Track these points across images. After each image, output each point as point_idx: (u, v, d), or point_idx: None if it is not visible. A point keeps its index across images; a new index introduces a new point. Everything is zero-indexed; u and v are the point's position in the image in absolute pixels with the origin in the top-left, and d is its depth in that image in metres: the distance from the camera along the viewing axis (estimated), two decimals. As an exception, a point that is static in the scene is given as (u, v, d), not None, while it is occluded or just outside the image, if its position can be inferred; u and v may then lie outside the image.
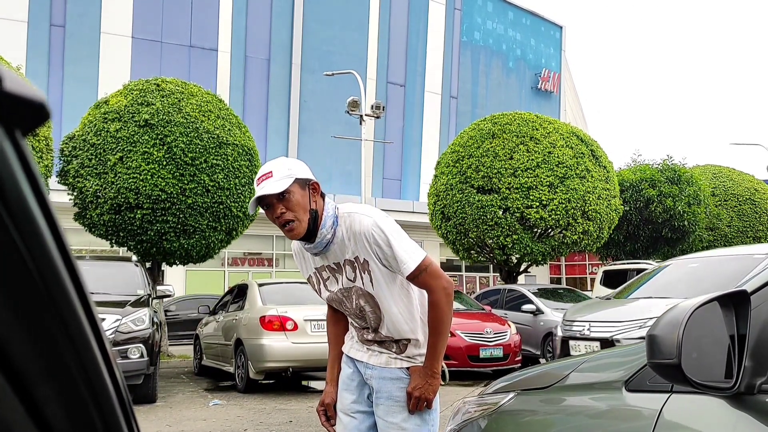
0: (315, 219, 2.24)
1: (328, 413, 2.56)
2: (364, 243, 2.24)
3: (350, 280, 2.32)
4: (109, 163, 11.39)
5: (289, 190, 2.18)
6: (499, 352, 10.36)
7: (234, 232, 12.54)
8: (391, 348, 2.41)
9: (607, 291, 14.39)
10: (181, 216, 11.51)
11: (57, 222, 0.37)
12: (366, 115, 19.19)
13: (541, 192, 14.08)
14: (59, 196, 13.03)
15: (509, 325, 10.86)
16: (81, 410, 0.43)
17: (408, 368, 2.39)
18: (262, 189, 2.18)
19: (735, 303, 1.45)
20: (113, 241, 12.01)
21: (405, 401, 2.36)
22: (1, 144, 0.33)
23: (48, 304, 0.37)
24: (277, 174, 2.20)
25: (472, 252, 15.41)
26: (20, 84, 0.35)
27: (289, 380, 9.89)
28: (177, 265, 12.89)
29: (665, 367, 1.39)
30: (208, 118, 11.88)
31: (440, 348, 2.33)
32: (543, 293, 12.84)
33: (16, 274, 0.35)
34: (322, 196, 2.31)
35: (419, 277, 2.25)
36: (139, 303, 8.14)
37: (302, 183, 2.23)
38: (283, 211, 2.18)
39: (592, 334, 7.79)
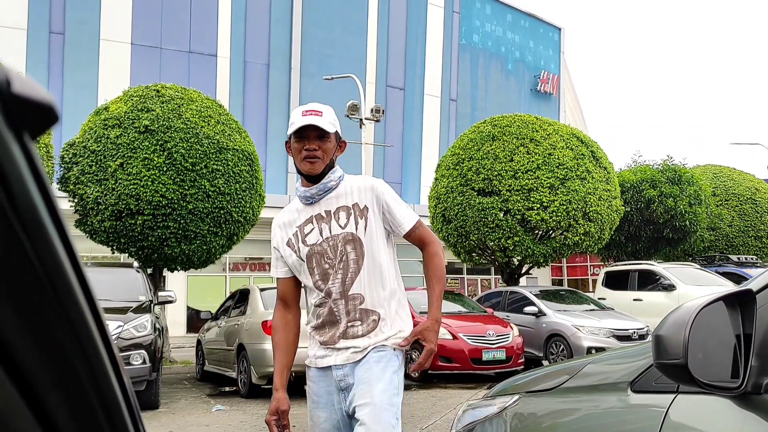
0: (329, 168, 2.43)
1: (283, 421, 2.44)
2: (370, 193, 2.43)
3: (341, 227, 2.40)
4: (109, 169, 11.39)
5: (331, 135, 2.41)
6: (501, 355, 10.35)
7: (235, 237, 12.53)
8: (356, 331, 2.37)
9: (610, 292, 14.41)
10: (182, 221, 11.51)
11: (65, 225, 0.37)
12: (366, 118, 19.21)
13: (541, 194, 14.08)
14: (60, 203, 13.02)
15: (511, 327, 10.85)
16: (90, 417, 0.42)
17: (374, 348, 2.36)
18: (312, 119, 2.34)
19: (740, 302, 1.44)
20: (114, 247, 12.00)
21: (368, 379, 2.31)
22: (10, 146, 0.32)
23: (57, 310, 0.37)
24: (327, 117, 2.40)
25: (473, 254, 15.40)
26: (29, 86, 0.35)
27: (291, 385, 9.87)
28: (178, 270, 12.89)
29: (672, 368, 1.39)
30: (208, 124, 11.88)
31: (441, 295, 2.46)
32: (545, 295, 12.83)
33: (25, 279, 0.35)
34: None
35: (417, 231, 2.47)
36: (141, 309, 8.14)
37: (337, 137, 2.47)
38: (315, 148, 2.36)
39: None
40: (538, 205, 14.08)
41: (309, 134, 2.37)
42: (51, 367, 0.38)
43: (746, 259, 16.79)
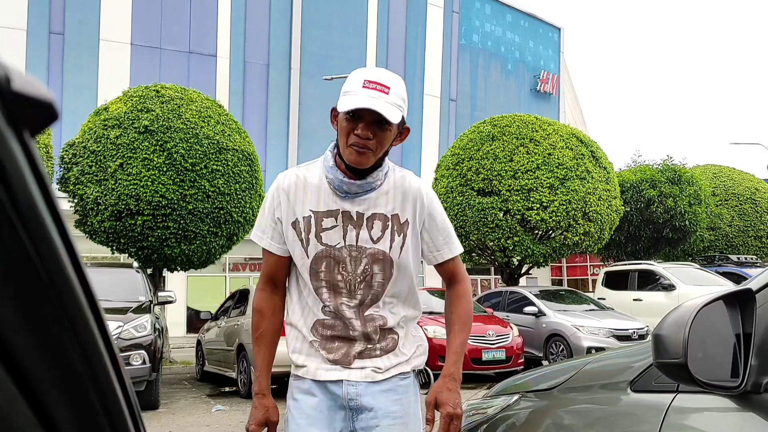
0: (380, 161, 1.91)
1: None
2: (416, 203, 1.95)
3: (373, 240, 1.90)
4: (109, 169, 11.39)
5: (393, 124, 1.83)
6: (501, 355, 10.35)
7: (235, 238, 12.53)
8: (373, 351, 1.94)
9: (609, 292, 14.40)
10: (181, 222, 11.51)
11: (65, 223, 0.37)
12: (365, 118, 19.21)
13: (541, 194, 14.08)
14: (60, 203, 13.03)
15: (511, 328, 10.85)
16: (90, 416, 0.42)
17: (399, 374, 1.97)
18: (375, 102, 1.77)
19: (740, 302, 1.44)
20: (114, 247, 12.01)
21: (404, 414, 1.97)
22: (10, 144, 0.32)
23: (58, 308, 0.37)
24: (395, 95, 1.82)
25: (473, 254, 15.40)
26: (29, 83, 0.35)
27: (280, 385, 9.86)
28: (178, 271, 12.89)
29: (671, 367, 1.39)
30: (208, 124, 11.88)
31: (464, 346, 2.03)
32: (545, 295, 12.83)
33: (26, 277, 0.35)
34: None
35: (454, 261, 2.05)
36: (141, 309, 8.15)
37: (401, 122, 1.89)
38: (370, 138, 1.81)
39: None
40: (538, 205, 14.08)
41: (365, 116, 1.80)
42: (51, 366, 0.38)
43: (746, 259, 16.79)
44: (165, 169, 11.35)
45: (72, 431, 0.41)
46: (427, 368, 2.08)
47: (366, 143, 1.81)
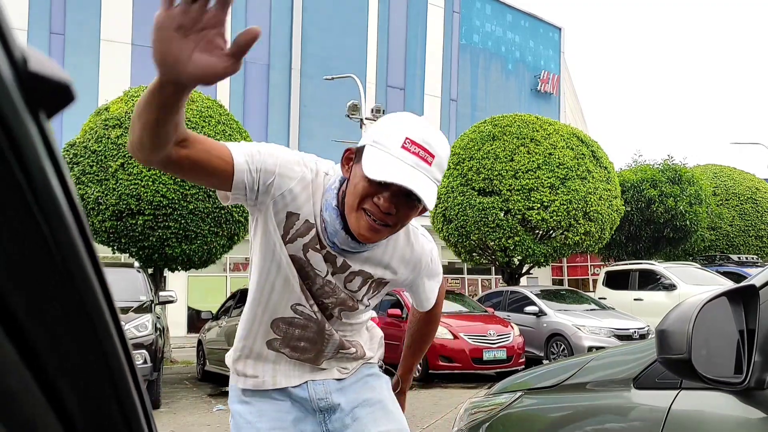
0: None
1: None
2: (412, 272, 1.72)
3: (348, 290, 1.67)
4: (110, 169, 11.39)
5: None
6: (502, 354, 10.35)
7: (236, 237, 12.53)
8: (342, 357, 1.80)
9: (610, 292, 14.40)
10: (182, 222, 11.51)
11: (79, 207, 0.37)
12: (366, 118, 19.22)
13: (542, 193, 14.08)
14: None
15: (512, 327, 10.86)
16: (102, 403, 0.42)
17: (363, 365, 1.85)
18: (413, 177, 1.41)
19: (744, 298, 1.44)
20: (115, 247, 12.00)
21: (380, 399, 1.81)
22: (27, 126, 0.32)
23: (72, 295, 0.37)
24: (438, 167, 1.48)
25: (473, 254, 15.40)
26: (46, 65, 0.35)
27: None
28: (179, 270, 12.88)
29: (675, 363, 1.39)
30: (209, 124, 11.88)
31: (416, 365, 2.09)
32: (545, 295, 12.83)
33: (42, 264, 0.35)
34: None
35: None
36: (142, 309, 8.16)
37: None
38: (390, 213, 1.46)
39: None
40: (539, 205, 14.08)
41: (394, 188, 1.43)
42: (65, 353, 0.39)
43: (747, 258, 16.79)
44: (166, 168, 11.35)
45: (83, 417, 0.41)
46: (388, 366, 1.98)
47: (385, 218, 1.46)
